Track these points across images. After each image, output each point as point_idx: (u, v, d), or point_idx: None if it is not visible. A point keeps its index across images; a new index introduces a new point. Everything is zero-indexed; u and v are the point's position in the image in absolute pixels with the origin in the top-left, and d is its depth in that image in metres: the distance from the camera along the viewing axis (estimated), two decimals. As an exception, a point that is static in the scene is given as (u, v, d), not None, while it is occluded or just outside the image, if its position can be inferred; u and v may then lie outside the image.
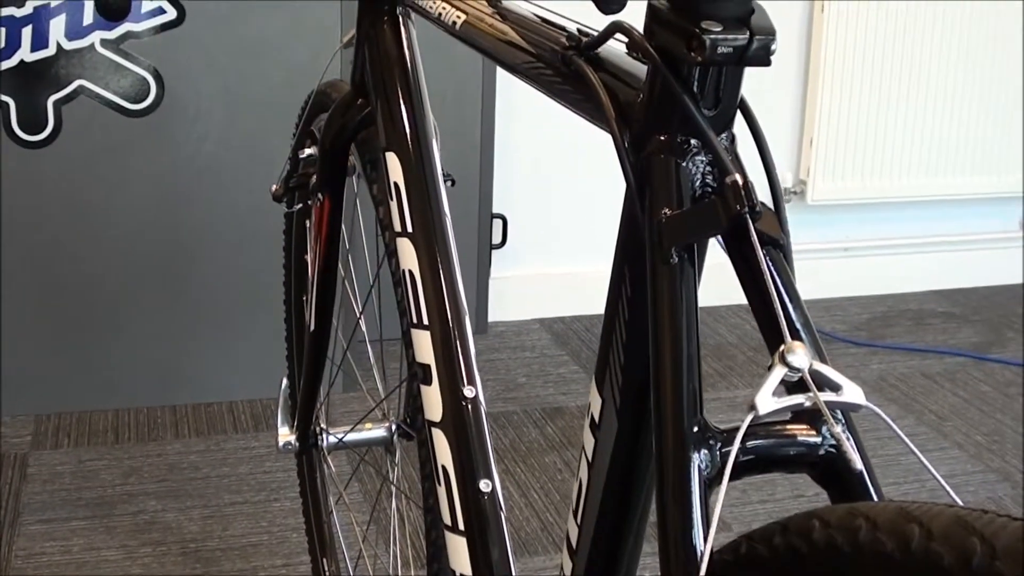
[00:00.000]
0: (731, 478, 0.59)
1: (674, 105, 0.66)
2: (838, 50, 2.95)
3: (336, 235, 1.30)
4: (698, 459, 0.62)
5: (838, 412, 0.61)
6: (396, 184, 1.04)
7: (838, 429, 0.58)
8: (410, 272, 1.00)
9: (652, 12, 0.68)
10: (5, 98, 2.18)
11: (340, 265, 1.39)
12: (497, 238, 2.91)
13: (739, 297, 2.57)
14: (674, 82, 0.65)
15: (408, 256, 1.01)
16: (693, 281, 0.66)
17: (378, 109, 1.09)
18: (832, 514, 0.51)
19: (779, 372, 0.57)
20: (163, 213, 2.36)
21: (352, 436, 1.42)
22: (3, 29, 2.13)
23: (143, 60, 2.25)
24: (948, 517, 0.47)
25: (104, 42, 2.21)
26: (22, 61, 2.17)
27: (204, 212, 2.38)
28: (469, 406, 0.95)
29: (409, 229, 1.02)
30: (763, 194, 0.64)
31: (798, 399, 0.58)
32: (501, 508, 0.94)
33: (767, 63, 0.64)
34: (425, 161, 1.05)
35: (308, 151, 1.33)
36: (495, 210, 2.88)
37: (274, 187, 1.37)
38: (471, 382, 0.96)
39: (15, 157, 2.24)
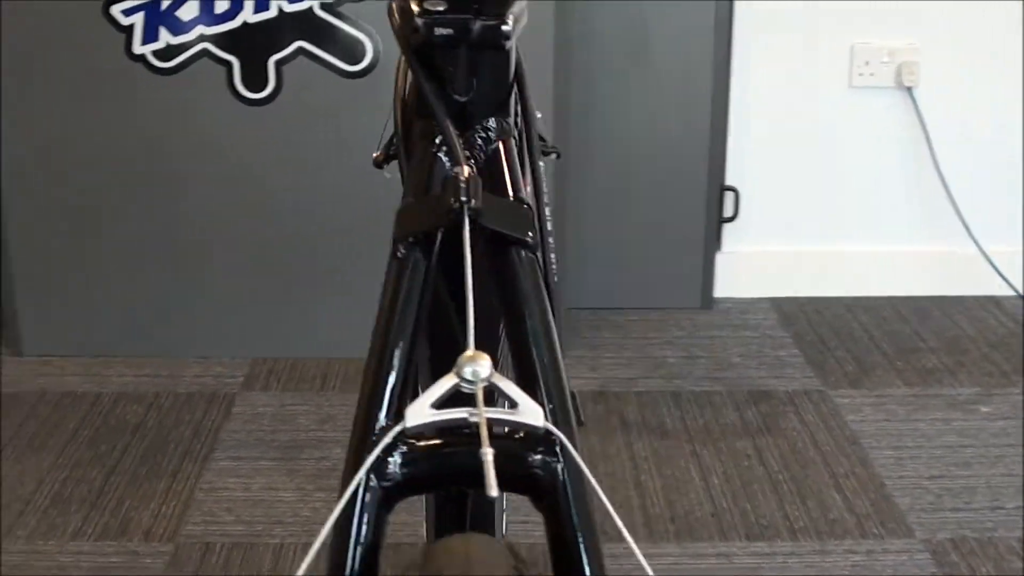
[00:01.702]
0: (414, 492, 0.56)
1: (419, 90, 0.62)
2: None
3: None
4: (377, 463, 0.58)
5: (563, 439, 0.56)
6: None
7: (485, 450, 0.52)
8: None
9: None
10: (229, 57, 2.31)
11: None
12: (728, 211, 2.83)
13: (987, 288, 2.37)
14: (416, 64, 0.61)
15: None
16: (423, 275, 0.62)
17: None
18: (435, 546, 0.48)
19: (447, 381, 0.53)
20: (376, 171, 2.43)
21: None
22: (228, -8, 2.26)
23: (360, 23, 2.32)
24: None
25: (323, 5, 2.29)
26: (245, 23, 2.29)
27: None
28: None
29: None
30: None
31: (459, 413, 0.54)
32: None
33: (499, 46, 0.58)
34: None
35: None
36: (727, 182, 2.79)
37: (376, 153, 1.38)
38: None
39: (238, 115, 2.36)
